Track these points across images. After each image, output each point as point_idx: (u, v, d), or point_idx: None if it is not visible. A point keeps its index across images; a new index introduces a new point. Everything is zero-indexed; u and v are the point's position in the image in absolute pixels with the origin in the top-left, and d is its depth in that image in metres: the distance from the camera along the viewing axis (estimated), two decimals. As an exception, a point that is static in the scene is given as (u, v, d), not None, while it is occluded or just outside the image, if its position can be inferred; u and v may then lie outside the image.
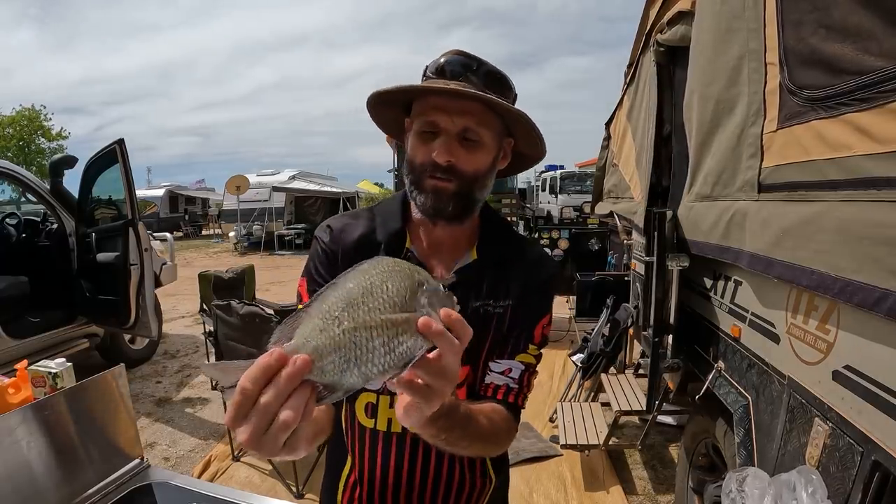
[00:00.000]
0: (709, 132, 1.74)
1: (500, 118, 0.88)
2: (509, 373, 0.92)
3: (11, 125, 22.83)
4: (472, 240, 0.95)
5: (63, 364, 1.31)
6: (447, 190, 0.84)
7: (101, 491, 1.23)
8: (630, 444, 3.08)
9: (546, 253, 1.04)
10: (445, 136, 0.83)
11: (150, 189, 22.84)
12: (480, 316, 0.91)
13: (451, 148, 0.83)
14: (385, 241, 0.93)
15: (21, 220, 4.94)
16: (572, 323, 4.97)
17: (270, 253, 14.71)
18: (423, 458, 0.93)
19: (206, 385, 4.22)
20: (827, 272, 1.04)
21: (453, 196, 0.85)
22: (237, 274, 3.85)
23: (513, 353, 0.93)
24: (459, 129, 0.83)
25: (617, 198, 3.93)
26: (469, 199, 0.87)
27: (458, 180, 0.84)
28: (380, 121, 0.97)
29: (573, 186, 16.63)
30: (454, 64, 0.85)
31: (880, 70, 0.90)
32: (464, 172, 0.84)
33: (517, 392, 0.93)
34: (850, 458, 1.02)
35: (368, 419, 0.94)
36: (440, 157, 0.82)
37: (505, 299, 0.92)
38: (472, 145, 0.84)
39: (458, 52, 0.86)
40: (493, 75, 0.86)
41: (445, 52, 0.88)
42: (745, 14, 1.44)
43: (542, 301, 0.96)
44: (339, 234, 0.95)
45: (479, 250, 0.94)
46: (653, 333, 2.16)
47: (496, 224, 0.99)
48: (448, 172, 0.84)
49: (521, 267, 0.95)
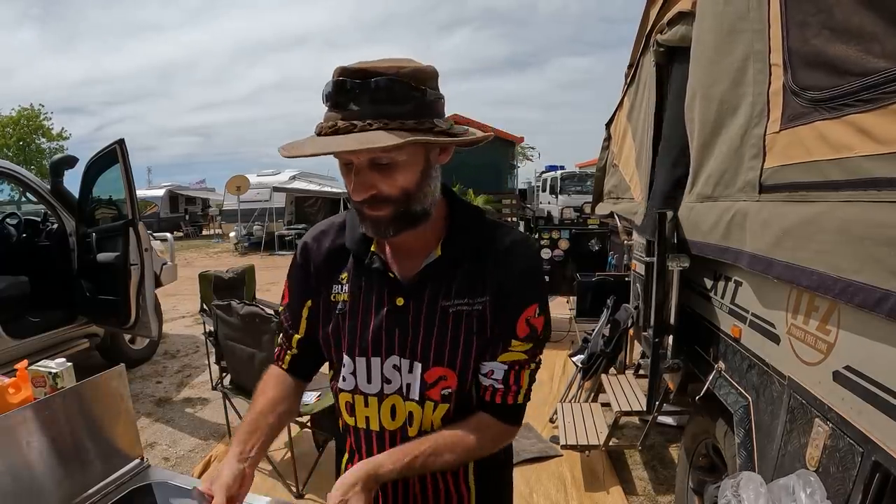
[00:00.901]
0: (711, 133, 1.74)
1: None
2: (491, 375, 0.92)
3: (11, 125, 22.84)
4: (439, 236, 0.92)
5: (63, 364, 1.31)
6: (382, 218, 0.83)
7: (101, 491, 1.23)
8: (630, 445, 3.08)
9: (522, 237, 0.96)
10: (357, 170, 0.80)
11: (151, 189, 22.85)
12: (451, 316, 0.90)
13: (365, 182, 0.80)
14: (352, 247, 0.95)
15: (21, 220, 4.94)
16: (573, 323, 4.97)
17: (271, 253, 14.70)
18: None
19: (207, 385, 4.21)
20: (827, 273, 1.04)
21: (391, 221, 0.83)
22: (237, 274, 3.84)
23: (493, 355, 0.91)
24: (367, 160, 0.79)
25: (617, 198, 3.93)
26: (409, 215, 0.84)
27: (389, 205, 0.82)
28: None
29: (573, 187, 16.66)
30: (338, 92, 0.77)
31: (883, 71, 0.90)
32: (390, 196, 0.81)
33: (504, 392, 0.92)
34: (851, 458, 1.01)
35: (349, 417, 0.98)
36: (357, 195, 0.81)
37: (482, 296, 0.90)
38: (388, 168, 0.79)
39: (343, 72, 0.77)
40: (381, 92, 0.75)
41: (334, 70, 0.78)
42: (750, 15, 1.44)
43: (524, 291, 0.91)
44: (312, 246, 0.99)
45: (444, 246, 0.90)
46: (653, 334, 2.16)
47: (466, 217, 0.94)
48: (374, 202, 0.81)
49: (494, 257, 0.91)
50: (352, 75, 0.76)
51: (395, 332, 0.91)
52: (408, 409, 0.93)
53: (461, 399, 0.94)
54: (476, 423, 0.92)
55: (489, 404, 0.93)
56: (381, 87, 0.75)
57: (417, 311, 0.90)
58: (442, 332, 0.90)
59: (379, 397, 0.93)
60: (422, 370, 0.90)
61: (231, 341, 2.92)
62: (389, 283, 0.91)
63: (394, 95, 0.76)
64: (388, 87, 0.75)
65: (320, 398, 2.73)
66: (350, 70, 0.76)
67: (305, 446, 2.97)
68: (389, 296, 0.91)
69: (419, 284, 0.91)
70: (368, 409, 0.95)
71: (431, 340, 0.90)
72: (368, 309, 0.92)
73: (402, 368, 0.91)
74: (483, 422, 0.93)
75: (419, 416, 0.92)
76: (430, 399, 0.91)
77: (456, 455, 0.89)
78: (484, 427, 0.93)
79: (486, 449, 0.93)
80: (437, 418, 0.93)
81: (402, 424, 0.93)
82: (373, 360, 0.92)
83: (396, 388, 0.92)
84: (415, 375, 0.91)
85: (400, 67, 0.77)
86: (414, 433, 0.93)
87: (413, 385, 0.91)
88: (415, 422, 0.93)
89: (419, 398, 0.91)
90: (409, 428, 0.93)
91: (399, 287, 0.91)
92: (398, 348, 0.91)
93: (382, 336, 0.91)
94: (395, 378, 0.92)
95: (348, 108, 0.76)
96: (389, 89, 0.75)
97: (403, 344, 0.91)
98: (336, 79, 0.77)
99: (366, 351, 0.92)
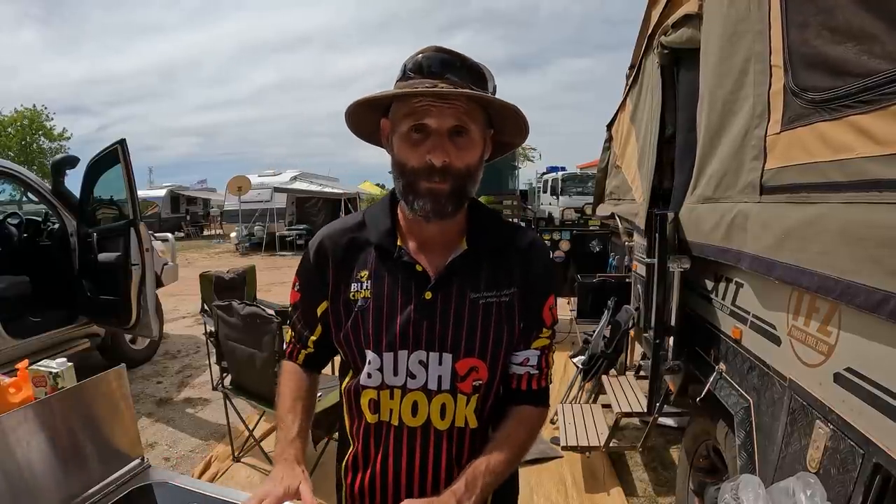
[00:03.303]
0: (715, 135, 1.74)
1: (484, 111, 0.89)
2: (527, 362, 0.97)
3: (13, 125, 22.88)
4: (462, 232, 0.96)
5: (64, 364, 1.31)
6: (443, 191, 0.86)
7: (101, 491, 1.23)
8: (631, 446, 3.07)
9: (536, 235, 1.06)
10: (436, 136, 0.84)
11: (152, 189, 22.91)
12: (481, 307, 0.92)
13: (444, 148, 0.84)
14: (377, 242, 0.95)
15: (23, 220, 4.95)
16: (573, 324, 4.96)
17: (272, 253, 14.72)
18: (422, 450, 0.94)
19: (207, 386, 4.21)
20: (828, 274, 1.04)
21: (450, 196, 0.86)
22: (238, 274, 3.86)
23: (528, 343, 0.97)
24: (449, 127, 0.84)
25: (619, 199, 3.92)
26: (463, 196, 0.89)
27: (452, 179, 0.85)
28: (357, 127, 0.97)
29: (575, 188, 16.63)
30: (434, 61, 0.84)
31: (884, 72, 0.90)
32: (458, 171, 0.85)
33: (539, 376, 0.98)
34: (851, 460, 1.01)
35: (372, 415, 0.96)
36: (436, 159, 0.83)
37: (509, 288, 0.94)
38: (463, 142, 0.85)
39: (438, 49, 0.86)
40: (473, 70, 0.86)
41: (424, 48, 0.87)
42: (751, 16, 1.44)
43: (546, 284, 0.98)
44: (329, 244, 0.98)
45: (469, 241, 0.94)
46: (654, 335, 2.16)
47: (484, 214, 1.00)
48: (443, 173, 0.84)
49: (518, 253, 0.97)
50: (449, 53, 0.85)
51: (422, 326, 0.91)
52: (440, 402, 0.92)
53: (488, 392, 0.95)
54: (517, 420, 0.96)
55: (526, 392, 0.98)
56: (474, 69, 0.86)
57: (446, 304, 0.91)
58: (472, 324, 0.91)
59: (402, 390, 0.93)
60: (452, 361, 0.91)
61: (232, 342, 2.92)
62: (417, 277, 0.92)
63: (482, 79, 0.87)
64: (479, 70, 0.87)
65: (320, 399, 2.73)
66: (447, 49, 0.86)
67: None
68: (417, 290, 0.92)
69: (447, 278, 0.92)
70: (393, 402, 0.94)
71: (462, 332, 0.91)
72: (395, 304, 0.92)
73: (429, 364, 0.91)
74: (522, 415, 0.97)
75: (451, 408, 0.93)
76: (461, 392, 0.92)
77: (513, 463, 0.93)
78: (525, 420, 0.97)
79: (533, 439, 0.98)
80: (469, 412, 0.93)
81: (424, 422, 0.93)
82: (399, 353, 0.92)
83: (421, 384, 0.92)
84: (445, 367, 0.91)
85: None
86: (446, 426, 0.93)
87: (444, 377, 0.92)
88: (447, 415, 0.93)
89: (451, 388, 0.92)
90: (442, 421, 0.93)
91: (427, 281, 0.92)
92: (425, 342, 0.91)
93: (410, 330, 0.91)
94: (420, 374, 0.92)
95: (445, 77, 0.83)
96: (479, 72, 0.87)
97: (431, 337, 0.91)
98: (435, 52, 0.85)
99: (393, 345, 0.92)
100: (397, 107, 0.87)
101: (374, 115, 0.94)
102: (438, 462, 0.94)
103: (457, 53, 0.86)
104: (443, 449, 0.94)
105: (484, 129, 0.89)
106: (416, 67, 0.85)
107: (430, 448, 0.94)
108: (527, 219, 10.19)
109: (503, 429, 0.95)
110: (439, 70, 0.83)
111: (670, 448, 3.18)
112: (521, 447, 0.95)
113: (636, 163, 3.21)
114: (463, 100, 0.83)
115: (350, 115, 0.93)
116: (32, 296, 4.31)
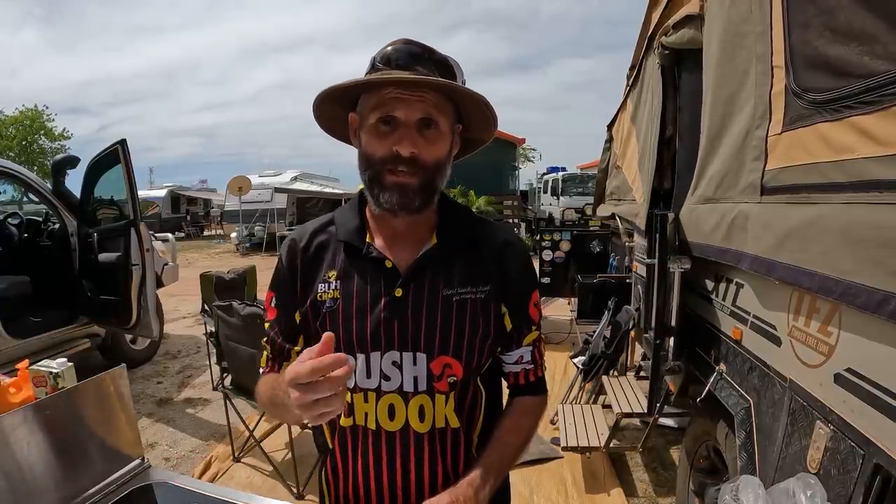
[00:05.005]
0: (716, 135, 1.74)
1: (453, 105, 0.88)
2: (522, 360, 0.99)
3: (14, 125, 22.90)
4: (432, 228, 0.94)
5: (64, 364, 1.31)
6: (411, 185, 0.85)
7: (101, 491, 1.23)
8: (631, 447, 3.07)
9: (511, 231, 1.06)
10: (405, 127, 0.83)
11: (153, 189, 22.92)
12: (455, 304, 0.90)
13: (412, 139, 0.82)
14: (345, 239, 0.94)
15: (23, 220, 4.96)
16: (573, 325, 4.96)
17: (272, 254, 14.70)
18: (402, 456, 0.92)
19: (208, 386, 4.22)
20: (829, 274, 1.04)
21: (418, 190, 0.85)
22: (239, 275, 3.85)
23: (520, 342, 0.98)
24: (417, 119, 0.83)
25: (619, 200, 3.92)
26: (432, 190, 0.88)
27: (421, 172, 0.85)
28: (323, 121, 0.96)
29: (575, 188, 16.62)
30: (402, 53, 0.84)
31: (885, 73, 0.90)
32: (426, 163, 0.84)
33: (534, 369, 1.01)
34: (852, 461, 1.01)
35: (346, 418, 0.94)
36: (404, 149, 0.82)
37: (484, 284, 0.92)
38: (432, 135, 0.85)
39: (407, 42, 0.86)
40: (442, 63, 0.85)
41: (393, 41, 0.86)
42: (752, 17, 1.44)
43: (527, 280, 0.99)
44: (299, 242, 0.97)
45: (440, 235, 0.93)
46: (654, 336, 2.16)
47: (455, 209, 0.98)
48: (411, 165, 0.83)
49: (493, 250, 0.95)
50: (418, 46, 0.85)
51: (394, 325, 0.89)
52: (418, 404, 0.90)
53: (465, 388, 0.94)
54: (520, 409, 0.99)
55: (524, 386, 1.01)
56: (442, 61, 0.86)
57: (418, 301, 0.89)
58: (446, 321, 0.89)
59: (377, 393, 0.90)
60: (427, 361, 0.89)
61: (232, 342, 2.92)
62: (386, 274, 0.90)
63: (450, 71, 0.86)
64: (447, 63, 0.86)
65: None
66: (415, 41, 0.86)
67: (306, 447, 2.96)
68: (387, 287, 0.89)
69: (418, 273, 0.90)
70: (368, 406, 0.92)
71: (435, 330, 0.89)
72: (364, 303, 0.90)
73: (402, 364, 0.89)
74: (524, 405, 1.00)
75: (430, 410, 0.90)
76: (439, 391, 0.90)
77: (521, 449, 0.96)
78: (528, 409, 1.00)
79: (536, 425, 1.01)
80: (449, 411, 0.92)
81: (402, 426, 0.91)
82: (372, 355, 0.90)
83: (396, 387, 0.90)
84: (420, 368, 0.89)
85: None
86: (426, 428, 0.91)
87: (420, 378, 0.89)
88: (427, 417, 0.90)
89: (427, 389, 0.89)
90: (421, 424, 0.90)
91: (397, 277, 0.90)
92: (398, 342, 0.89)
93: (381, 330, 0.89)
94: (395, 375, 0.89)
95: (414, 69, 0.83)
96: (448, 65, 0.86)
97: (404, 337, 0.89)
98: (403, 45, 0.85)
99: (365, 346, 0.89)
100: (365, 99, 0.86)
101: (342, 110, 0.92)
102: (421, 467, 0.92)
103: (425, 46, 0.85)
104: (425, 452, 0.91)
105: (452, 124, 0.88)
106: (385, 60, 0.84)
107: (411, 453, 0.91)
108: (527, 219, 10.20)
109: (508, 418, 0.97)
110: (407, 62, 0.83)
111: (670, 448, 3.17)
112: (528, 434, 0.98)
113: (637, 163, 3.22)
114: (432, 93, 0.83)
115: (317, 108, 0.91)
116: (33, 296, 4.31)
